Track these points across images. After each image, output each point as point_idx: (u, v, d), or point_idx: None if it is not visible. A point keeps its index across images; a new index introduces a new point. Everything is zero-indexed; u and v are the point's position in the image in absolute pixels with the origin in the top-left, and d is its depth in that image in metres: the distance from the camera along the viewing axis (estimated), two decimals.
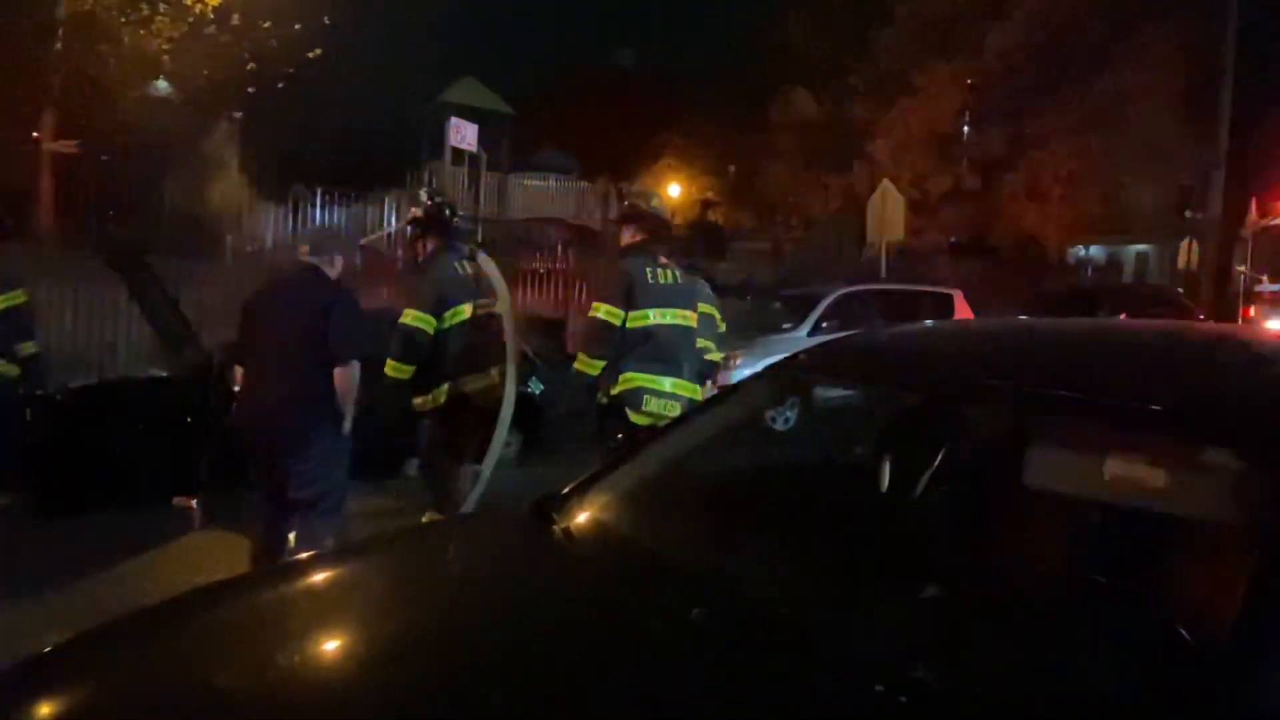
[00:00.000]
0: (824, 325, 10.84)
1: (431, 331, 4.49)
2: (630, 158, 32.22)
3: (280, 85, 15.00)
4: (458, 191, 19.60)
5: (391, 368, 4.52)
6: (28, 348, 5.54)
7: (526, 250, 16.18)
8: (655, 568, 1.96)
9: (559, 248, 16.54)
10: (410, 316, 4.49)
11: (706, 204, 29.92)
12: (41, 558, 5.12)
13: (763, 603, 1.77)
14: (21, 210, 12.03)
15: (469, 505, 4.45)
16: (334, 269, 4.10)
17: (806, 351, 2.53)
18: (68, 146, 13.14)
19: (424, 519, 4.58)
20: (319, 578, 2.22)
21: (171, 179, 13.18)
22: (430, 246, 4.66)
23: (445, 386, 4.49)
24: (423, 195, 4.77)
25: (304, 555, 3.53)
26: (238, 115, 15.48)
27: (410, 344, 4.48)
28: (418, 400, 4.63)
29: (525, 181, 22.42)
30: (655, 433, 2.72)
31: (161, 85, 15.73)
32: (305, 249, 4.20)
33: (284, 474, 3.88)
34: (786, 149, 23.20)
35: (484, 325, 4.63)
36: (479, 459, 4.73)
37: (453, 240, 4.73)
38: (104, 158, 13.44)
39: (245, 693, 1.59)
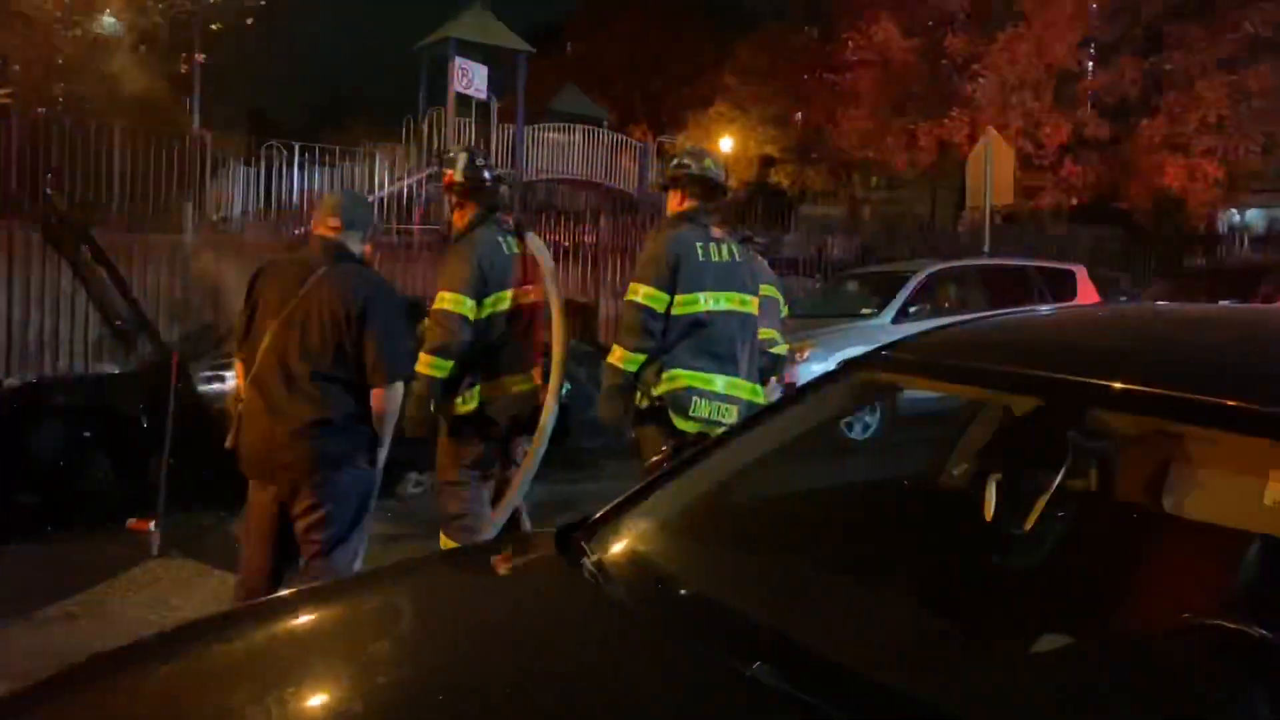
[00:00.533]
0: (912, 310, 10.77)
1: (472, 318, 4.41)
2: (673, 105, 32.18)
3: (249, 21, 15.17)
4: (464, 146, 19.80)
5: (426, 364, 4.43)
6: None
7: (548, 218, 16.25)
8: (705, 614, 1.97)
9: (588, 215, 16.59)
10: (448, 300, 4.42)
11: (767, 161, 29.80)
12: None
13: (837, 661, 1.77)
14: None
15: (492, 529, 4.48)
16: (361, 249, 3.96)
17: (894, 345, 2.52)
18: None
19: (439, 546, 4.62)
20: (305, 619, 2.25)
21: (119, 136, 13.41)
22: (469, 217, 4.58)
23: (478, 388, 4.44)
24: (458, 154, 4.66)
25: (288, 591, 3.57)
26: (200, 58, 15.69)
27: (450, 334, 4.44)
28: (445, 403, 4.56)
29: (545, 134, 22.51)
30: (706, 444, 2.72)
31: (108, 22, 15.99)
32: (334, 222, 3.90)
33: (298, 514, 3.78)
34: (866, 92, 23.01)
35: (526, 316, 4.59)
36: (500, 474, 4.73)
37: (497, 211, 4.66)
38: (39, 110, 13.71)
39: None
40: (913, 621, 1.93)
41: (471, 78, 17.05)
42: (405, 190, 18.27)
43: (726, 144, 28.17)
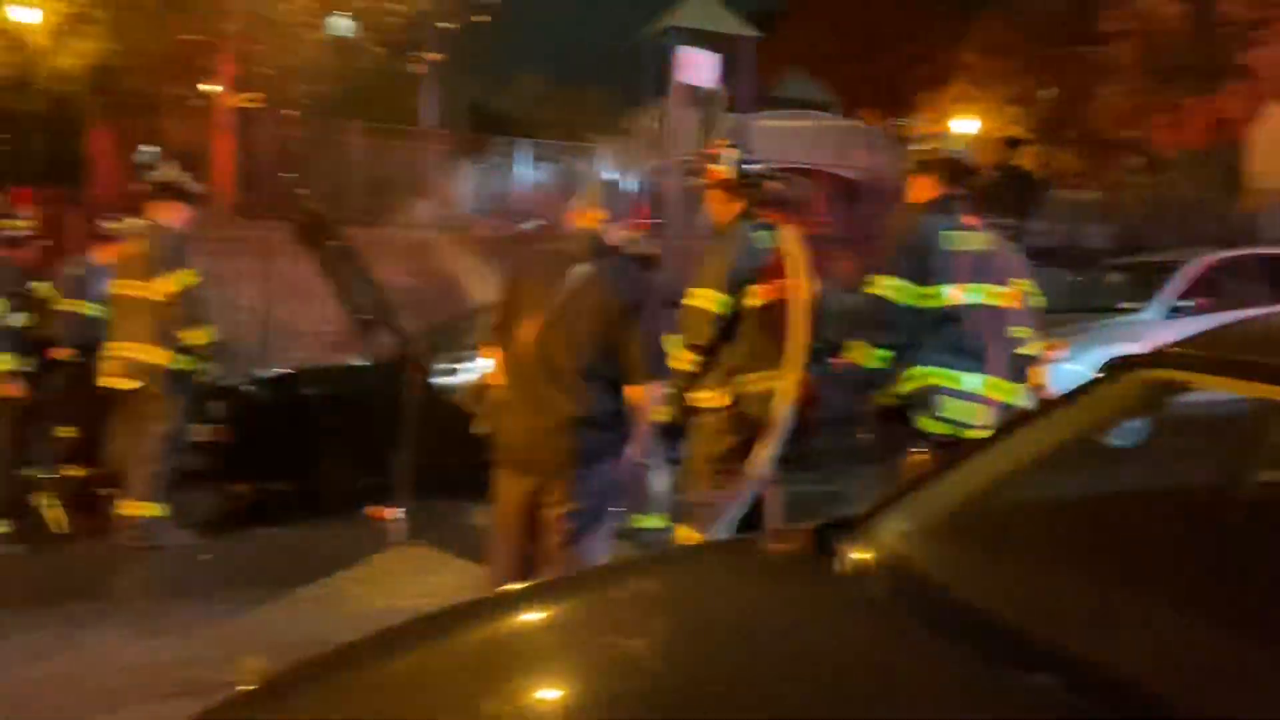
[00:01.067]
0: (1184, 305, 10.08)
1: (723, 314, 4.51)
2: (905, 86, 31.34)
3: (480, 20, 15.80)
4: (688, 138, 19.99)
5: (677, 357, 4.58)
6: (199, 336, 6.20)
7: (777, 207, 16.19)
8: (975, 620, 1.93)
9: (817, 203, 16.44)
10: (701, 296, 4.57)
11: (1012, 143, 28.58)
12: (226, 573, 5.80)
13: (1136, 681, 1.70)
14: (195, 176, 13.52)
15: (723, 528, 4.54)
16: (618, 239, 4.09)
17: (1182, 343, 2.39)
18: (249, 100, 14.62)
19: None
20: (549, 611, 2.31)
21: (358, 135, 14.34)
22: (732, 213, 4.69)
23: (730, 384, 4.53)
24: (724, 150, 4.75)
25: (534, 582, 3.74)
26: (435, 56, 16.50)
27: (701, 329, 4.55)
28: (692, 397, 4.67)
29: (770, 122, 22.45)
30: (968, 446, 2.67)
31: (342, 24, 17.06)
32: (596, 212, 4.02)
33: (550, 503, 3.96)
34: (1126, 64, 21.73)
35: (778, 311, 4.63)
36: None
37: (761, 205, 4.74)
38: (284, 112, 14.82)
39: None
40: (1224, 645, 1.84)
41: (699, 66, 17.16)
42: (630, 184, 18.64)
43: (966, 125, 27.23)
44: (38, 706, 3.94)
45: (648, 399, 3.96)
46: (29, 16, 17.30)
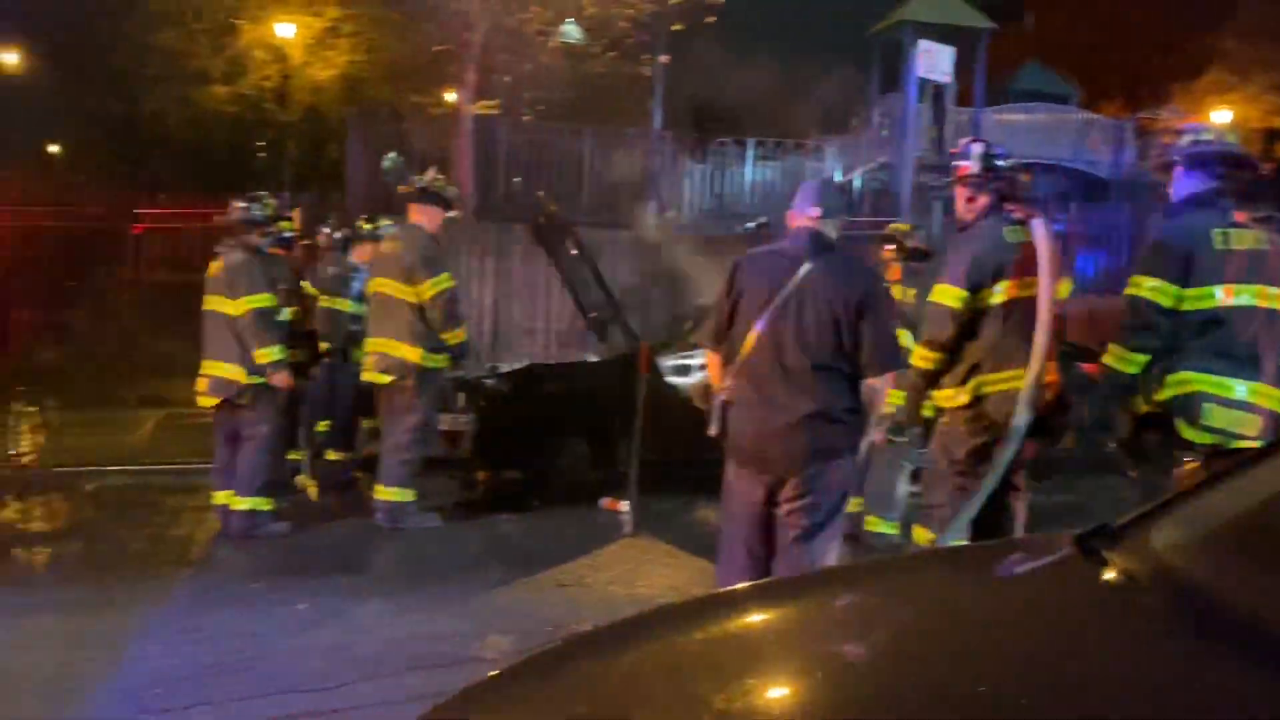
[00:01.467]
0: None
1: (963, 311, 4.41)
2: (1154, 76, 29.57)
3: (710, 20, 15.92)
4: (918, 133, 19.57)
5: (918, 355, 4.52)
6: (454, 336, 6.54)
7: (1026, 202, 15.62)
8: (1265, 637, 1.83)
9: (1054, 201, 15.77)
10: (941, 293, 4.42)
11: (1272, 135, 26.50)
12: (468, 555, 6.10)
13: None
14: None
15: (954, 533, 4.44)
16: (836, 236, 4.11)
17: None
18: (488, 107, 15.28)
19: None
20: (781, 610, 2.27)
21: (589, 139, 14.73)
22: (978, 209, 4.60)
23: (973, 381, 4.44)
24: (971, 145, 4.65)
25: (765, 580, 3.77)
26: (663, 59, 16.76)
27: (941, 326, 4.39)
28: (934, 395, 4.61)
29: (1005, 115, 21.65)
30: (1246, 456, 2.51)
31: (572, 32, 17.57)
32: (814, 210, 4.06)
33: (786, 499, 4.01)
34: None
35: (1025, 309, 4.49)
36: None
37: (1009, 200, 4.63)
38: (525, 117, 15.39)
39: None
40: None
41: (936, 60, 16.74)
42: (856, 182, 18.41)
43: (1219, 116, 25.42)
44: (304, 671, 4.25)
45: (882, 392, 3.97)
46: (285, 31, 18.66)
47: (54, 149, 27.91)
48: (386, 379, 6.49)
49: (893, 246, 6.81)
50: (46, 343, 12.74)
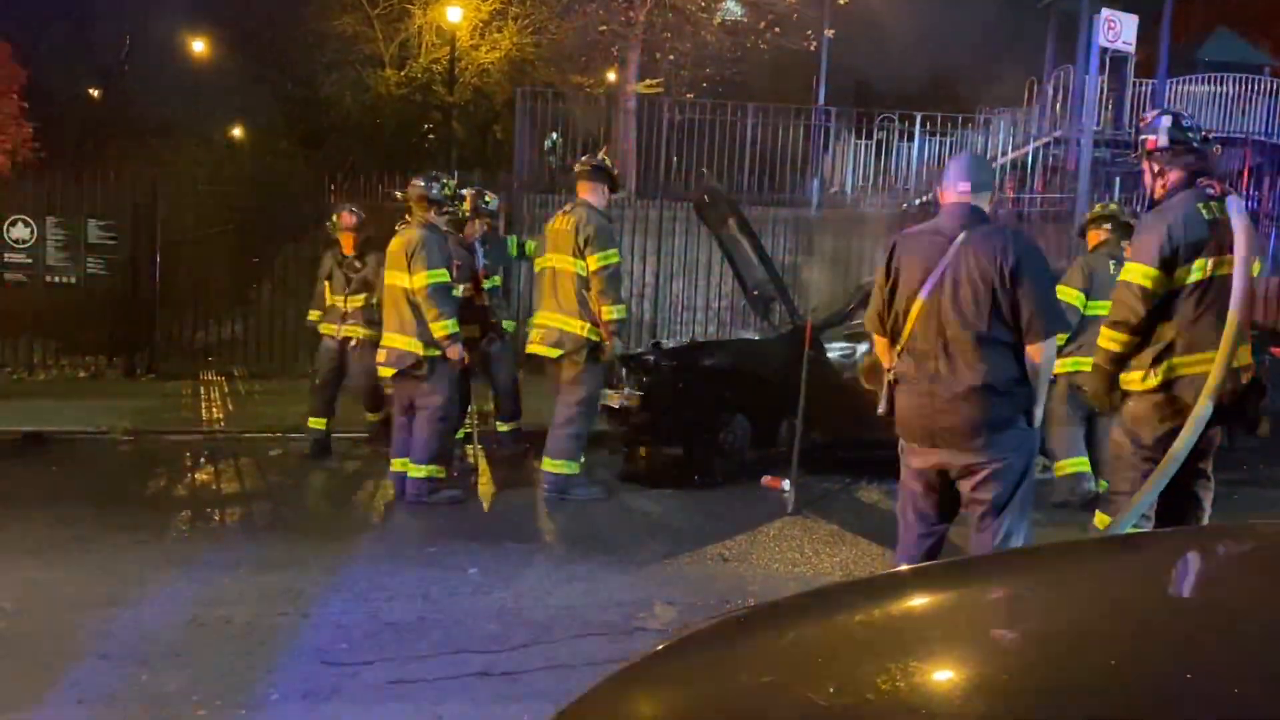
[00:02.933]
0: None
1: (1156, 291, 4.24)
2: None
3: None
4: (1093, 105, 18.74)
5: (1106, 336, 4.39)
6: (616, 311, 6.64)
7: (1220, 178, 14.84)
8: None
9: (1244, 177, 14.89)
10: (1132, 272, 4.28)
11: None
12: (632, 527, 6.20)
13: None
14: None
15: (1132, 518, 4.27)
16: (988, 211, 4.08)
17: None
18: (650, 86, 15.37)
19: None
20: (938, 596, 2.23)
21: (751, 115, 14.65)
22: (1169, 184, 4.41)
23: (1165, 364, 4.26)
24: (1160, 117, 4.44)
25: (924, 564, 3.72)
26: (829, 33, 16.53)
27: (1129, 306, 4.26)
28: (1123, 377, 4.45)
29: (1189, 87, 20.52)
30: None
31: (736, 7, 17.48)
32: (963, 185, 4.03)
33: (961, 475, 3.98)
34: None
35: (1213, 289, 4.28)
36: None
37: (1202, 175, 4.42)
38: (688, 95, 15.43)
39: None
40: None
41: (1119, 29, 15.97)
42: (1027, 157, 17.77)
43: None
44: (477, 633, 4.41)
45: (1044, 357, 3.87)
46: (454, 15, 19.16)
47: (236, 133, 29.35)
48: (556, 353, 6.64)
49: (1108, 225, 6.63)
50: (235, 316, 13.45)
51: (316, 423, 8.02)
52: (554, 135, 14.92)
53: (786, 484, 6.90)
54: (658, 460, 7.48)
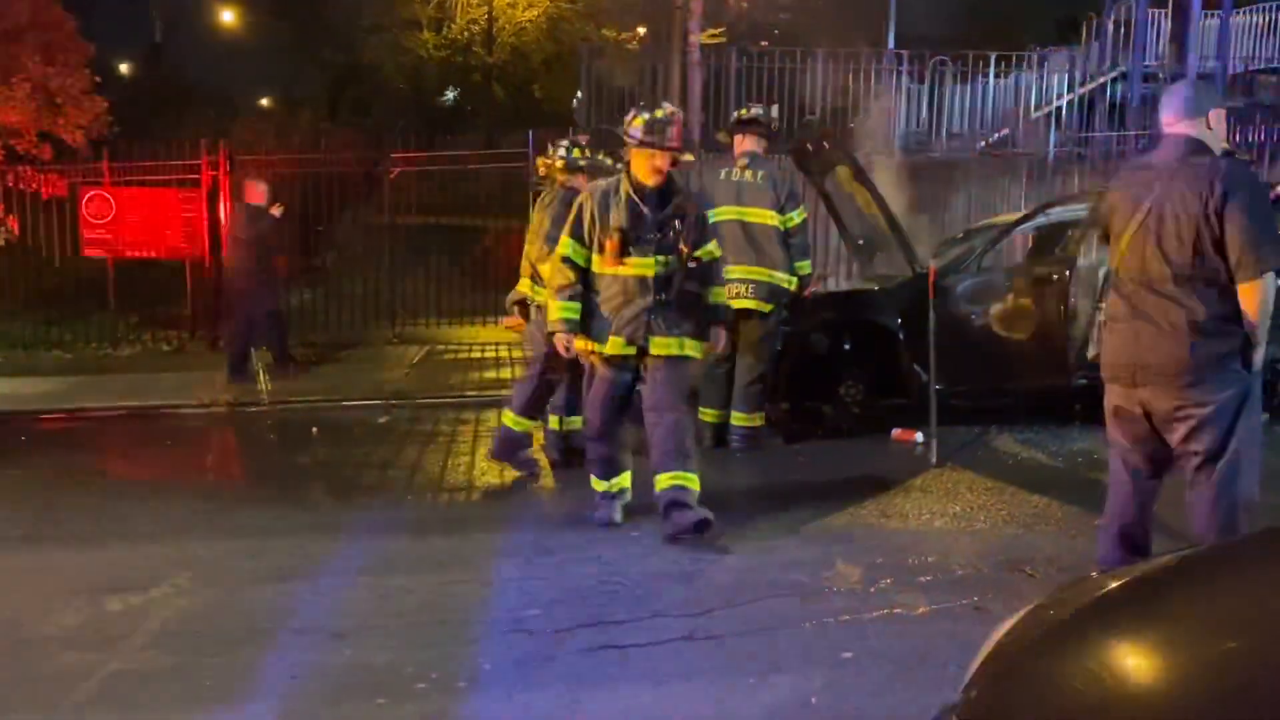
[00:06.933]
0: None
1: None
2: None
3: None
4: (1154, 40, 18.30)
5: None
6: (805, 265, 6.76)
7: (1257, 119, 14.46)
8: None
9: None
10: None
11: None
12: (783, 484, 6.09)
13: None
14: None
15: None
16: (1217, 134, 3.82)
17: None
18: (713, 36, 15.07)
19: None
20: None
21: (822, 63, 14.36)
22: None
23: None
24: None
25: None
26: None
27: None
28: None
29: (1257, 17, 19.93)
30: None
31: None
32: (1173, 115, 3.84)
33: (1164, 420, 3.80)
34: None
35: None
36: None
37: None
38: (764, 42, 15.12)
39: None
40: None
41: None
42: (1087, 97, 17.37)
43: None
44: (670, 598, 4.27)
45: (1258, 296, 3.62)
46: None
47: (265, 102, 29.15)
48: (769, 307, 6.67)
49: None
50: (300, 284, 13.38)
51: None
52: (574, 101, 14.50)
53: (920, 436, 6.77)
54: (792, 417, 7.32)
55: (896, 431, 6.97)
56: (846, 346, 7.41)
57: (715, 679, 3.60)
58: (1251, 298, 3.64)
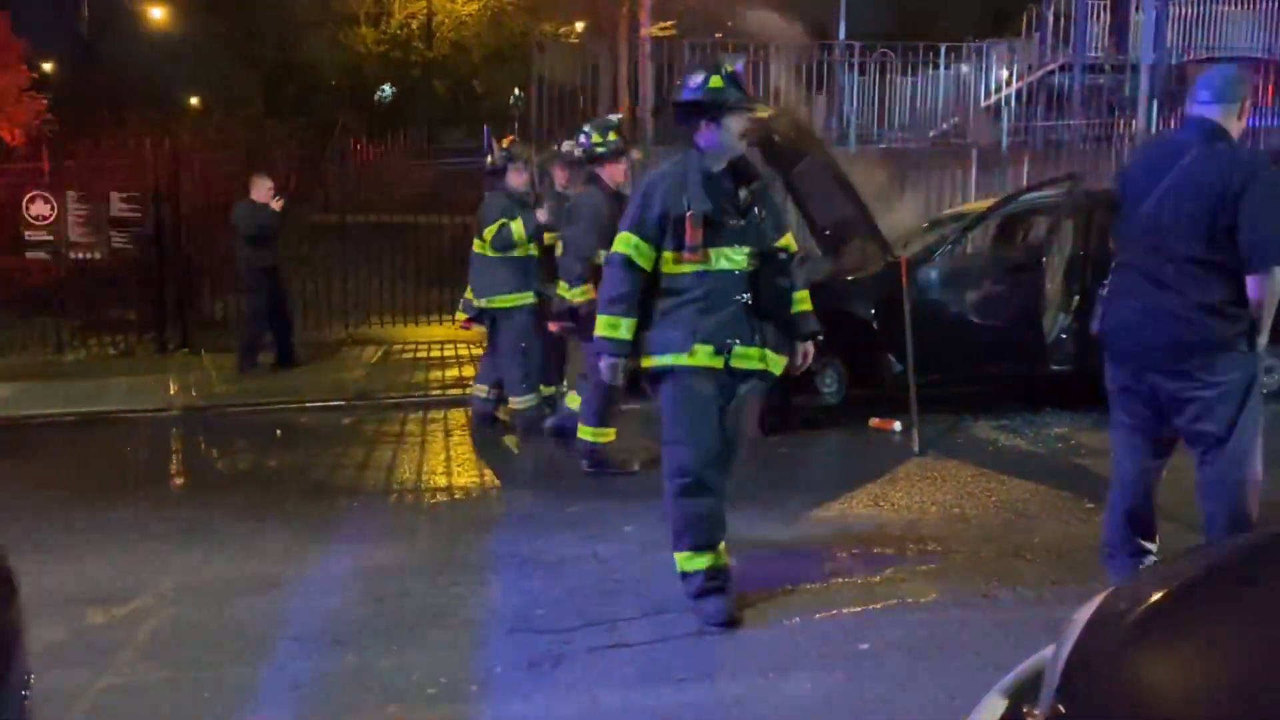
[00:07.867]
0: None
1: None
2: None
3: None
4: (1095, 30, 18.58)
5: None
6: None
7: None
8: None
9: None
10: None
11: None
12: (767, 474, 6.01)
13: None
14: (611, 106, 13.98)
15: None
16: (1237, 125, 3.80)
17: None
18: (663, 29, 15.03)
19: None
20: None
21: (771, 55, 14.36)
22: None
23: None
24: None
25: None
26: None
27: None
28: None
29: (1194, 7, 20.25)
30: None
31: None
32: (1202, 98, 3.81)
33: (1171, 401, 3.81)
34: None
35: None
36: None
37: None
38: (716, 37, 15.08)
39: None
40: None
41: None
42: (1029, 88, 17.59)
43: None
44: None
45: (1262, 288, 3.64)
46: None
47: (195, 101, 28.47)
48: None
49: None
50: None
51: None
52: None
53: (898, 425, 6.78)
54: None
55: (875, 421, 6.97)
56: (821, 338, 7.38)
57: (734, 676, 3.55)
58: (1260, 288, 3.66)
